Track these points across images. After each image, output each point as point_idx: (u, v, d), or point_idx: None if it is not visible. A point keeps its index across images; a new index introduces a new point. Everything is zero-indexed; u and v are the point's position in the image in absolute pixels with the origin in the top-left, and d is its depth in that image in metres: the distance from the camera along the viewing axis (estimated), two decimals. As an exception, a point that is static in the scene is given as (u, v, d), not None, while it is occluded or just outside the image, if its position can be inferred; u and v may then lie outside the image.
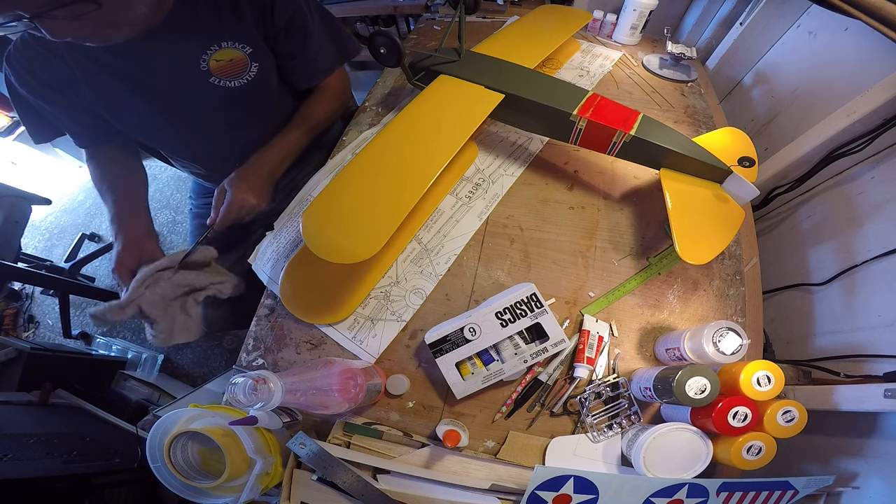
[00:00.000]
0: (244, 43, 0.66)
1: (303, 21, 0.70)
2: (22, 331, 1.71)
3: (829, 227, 0.74)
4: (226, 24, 0.64)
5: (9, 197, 1.36)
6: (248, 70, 0.68)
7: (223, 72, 0.66)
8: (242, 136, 0.78)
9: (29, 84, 0.63)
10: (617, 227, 0.68)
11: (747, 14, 0.89)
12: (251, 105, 0.74)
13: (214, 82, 0.66)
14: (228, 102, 0.71)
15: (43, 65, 0.62)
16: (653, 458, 0.47)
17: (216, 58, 0.64)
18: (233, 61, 0.66)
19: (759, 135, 0.94)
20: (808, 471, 0.59)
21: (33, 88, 0.64)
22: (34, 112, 0.68)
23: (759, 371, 0.45)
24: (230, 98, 0.70)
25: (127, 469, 0.89)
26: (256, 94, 0.72)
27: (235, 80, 0.68)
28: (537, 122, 0.68)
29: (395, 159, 0.58)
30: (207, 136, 0.76)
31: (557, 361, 0.57)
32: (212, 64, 0.65)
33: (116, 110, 0.68)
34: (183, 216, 1.93)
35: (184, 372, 1.55)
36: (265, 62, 0.70)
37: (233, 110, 0.73)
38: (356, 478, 0.47)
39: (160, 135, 0.76)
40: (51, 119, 0.69)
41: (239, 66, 0.67)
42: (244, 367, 0.60)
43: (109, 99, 0.66)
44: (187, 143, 0.79)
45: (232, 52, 0.65)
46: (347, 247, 0.49)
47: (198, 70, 0.64)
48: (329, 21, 0.77)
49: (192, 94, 0.68)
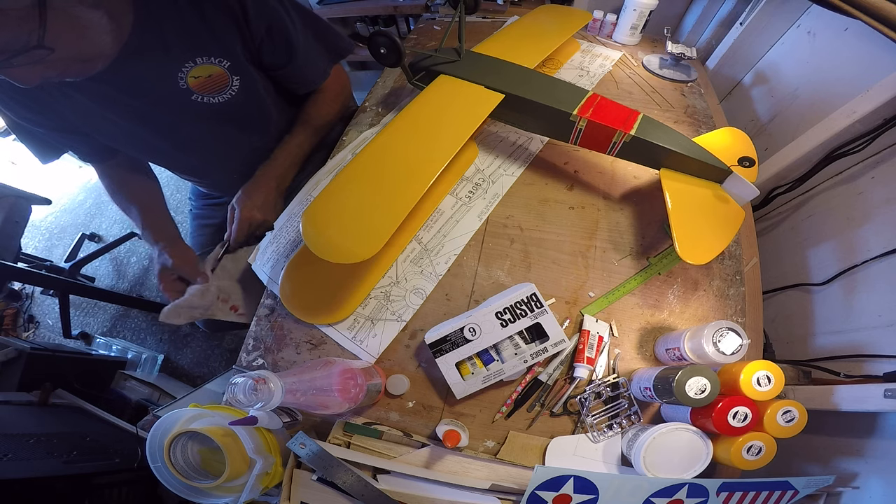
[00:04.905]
0: (221, 57, 0.63)
1: (283, 27, 0.66)
2: (22, 331, 1.71)
3: (829, 227, 0.74)
4: (199, 40, 0.61)
5: (9, 197, 1.36)
6: (230, 85, 0.66)
7: (204, 88, 0.64)
8: (237, 152, 0.77)
9: (17, 111, 0.62)
10: (617, 227, 0.68)
11: (747, 14, 0.89)
12: (240, 120, 0.72)
13: (197, 99, 0.64)
14: (216, 119, 0.69)
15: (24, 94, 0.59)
16: (653, 458, 0.47)
17: (193, 74, 0.62)
18: (212, 77, 0.63)
19: (759, 135, 0.94)
20: (808, 471, 0.59)
21: (22, 115, 0.63)
22: (31, 135, 0.67)
23: (759, 371, 0.45)
24: (217, 114, 0.68)
25: (127, 469, 0.89)
26: (243, 109, 0.70)
27: (218, 96, 0.66)
28: (537, 122, 0.68)
29: (395, 159, 0.58)
30: (202, 153, 0.76)
31: (557, 361, 0.57)
32: (190, 81, 0.62)
33: (105, 132, 0.67)
34: (183, 216, 1.92)
35: (184, 372, 1.55)
36: (247, 75, 0.67)
37: (222, 127, 0.71)
38: (356, 478, 0.47)
39: (153, 153, 0.76)
40: (49, 140, 0.69)
41: (219, 81, 0.64)
42: (244, 367, 0.60)
43: (96, 122, 0.65)
44: (181, 161, 0.79)
45: (209, 67, 0.62)
46: (347, 247, 0.49)
47: (178, 88, 0.62)
48: (313, 22, 0.73)
49: (177, 113, 0.66)
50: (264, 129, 0.77)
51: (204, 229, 0.96)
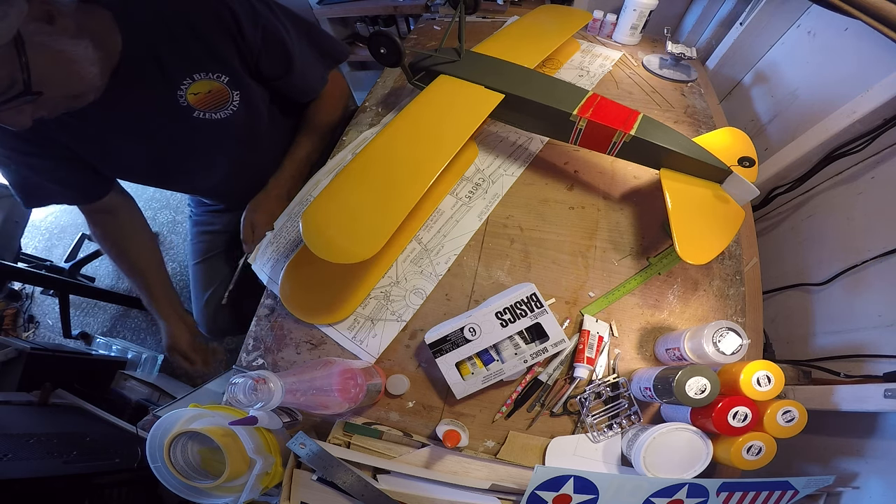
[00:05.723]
0: (218, 72, 0.62)
1: (278, 36, 0.66)
2: (22, 331, 1.71)
3: (829, 227, 0.74)
4: (194, 56, 0.60)
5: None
6: (231, 101, 0.65)
7: (205, 104, 0.63)
8: (243, 167, 0.77)
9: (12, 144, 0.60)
10: (617, 227, 0.68)
11: (747, 14, 0.89)
12: (244, 135, 0.72)
13: (199, 116, 0.64)
14: (220, 136, 0.69)
15: None
16: (653, 458, 0.47)
17: (192, 91, 0.61)
18: (211, 92, 0.63)
19: (759, 135, 0.94)
20: (808, 471, 0.59)
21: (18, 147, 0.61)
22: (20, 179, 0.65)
23: (759, 371, 0.45)
24: (221, 131, 0.67)
25: (127, 469, 0.89)
26: (246, 123, 0.70)
27: (221, 112, 0.65)
28: (537, 122, 0.68)
29: (395, 159, 0.58)
30: (206, 171, 0.75)
31: (557, 361, 0.57)
32: (190, 98, 0.61)
33: (108, 159, 0.66)
34: (183, 216, 1.93)
35: (184, 372, 1.55)
36: (248, 89, 0.67)
37: (227, 143, 0.71)
38: (356, 478, 0.47)
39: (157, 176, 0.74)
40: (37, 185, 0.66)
41: (219, 96, 0.64)
42: (244, 367, 0.60)
43: (97, 148, 0.64)
44: (185, 181, 0.79)
45: (208, 83, 0.62)
46: (347, 247, 0.48)
47: (178, 106, 0.61)
48: (306, 30, 0.73)
49: (182, 133, 0.65)
50: (268, 142, 0.77)
51: (203, 236, 0.96)
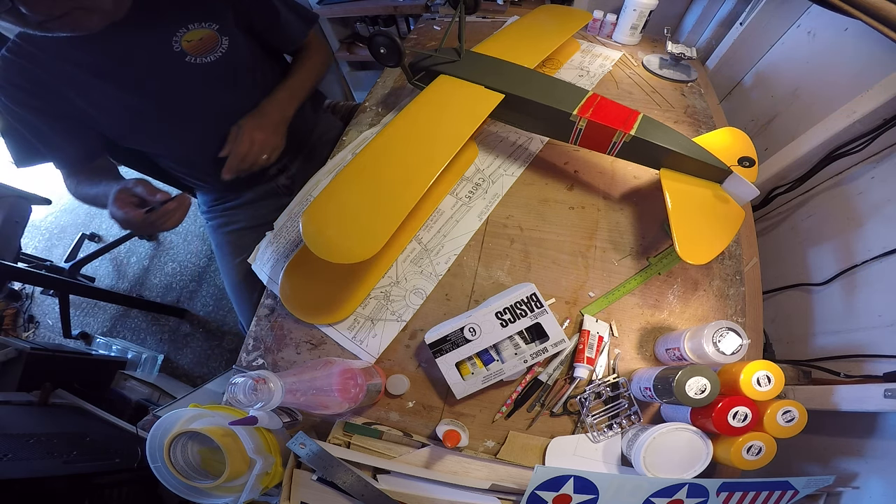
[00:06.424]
0: (211, 21, 0.69)
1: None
2: (22, 331, 1.71)
3: (829, 227, 0.74)
4: (192, 7, 0.68)
5: (9, 197, 1.36)
6: (219, 45, 0.71)
7: (196, 50, 0.69)
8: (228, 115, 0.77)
9: (21, 99, 0.65)
10: (617, 227, 0.68)
11: (747, 14, 0.89)
12: (230, 80, 0.75)
13: (190, 61, 0.69)
14: (208, 80, 0.72)
15: (26, 75, 0.63)
16: (653, 458, 0.47)
17: (187, 38, 0.68)
18: (203, 39, 0.69)
19: (759, 135, 0.94)
20: (808, 471, 0.59)
21: (26, 103, 0.65)
22: (17, 132, 0.69)
23: (759, 371, 0.45)
24: (208, 75, 0.71)
25: (127, 469, 0.89)
26: (233, 68, 0.74)
27: (210, 56, 0.70)
28: (537, 122, 0.68)
29: (395, 159, 0.58)
30: (195, 125, 0.76)
31: (557, 361, 0.57)
32: (184, 44, 0.68)
33: (106, 111, 0.69)
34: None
35: (184, 372, 1.55)
36: (235, 36, 0.73)
37: (214, 89, 0.74)
38: (356, 478, 0.47)
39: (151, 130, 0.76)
40: (34, 140, 0.70)
41: (209, 42, 0.70)
42: (244, 367, 0.60)
43: (97, 101, 0.67)
44: (177, 136, 0.78)
45: (201, 31, 0.69)
46: (347, 247, 0.49)
47: (172, 52, 0.67)
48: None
49: (172, 78, 0.69)
50: (253, 87, 0.80)
51: (229, 236, 0.91)
